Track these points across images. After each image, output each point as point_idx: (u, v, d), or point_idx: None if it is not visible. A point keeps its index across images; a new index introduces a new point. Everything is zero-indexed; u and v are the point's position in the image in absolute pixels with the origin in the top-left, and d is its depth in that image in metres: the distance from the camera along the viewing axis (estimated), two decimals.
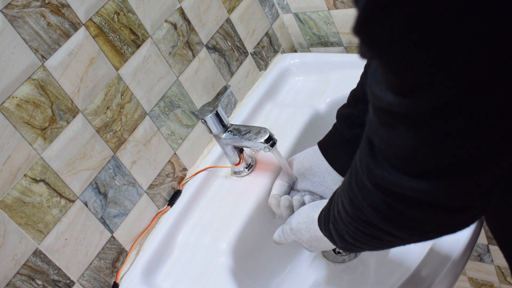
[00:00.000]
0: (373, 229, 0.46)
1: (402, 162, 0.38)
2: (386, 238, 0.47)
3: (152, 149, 0.89)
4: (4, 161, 0.70)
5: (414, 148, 0.36)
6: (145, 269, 0.84)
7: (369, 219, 0.45)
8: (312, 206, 0.71)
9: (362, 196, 0.45)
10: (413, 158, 0.37)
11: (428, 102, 0.32)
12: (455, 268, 0.70)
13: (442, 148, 0.35)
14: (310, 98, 1.02)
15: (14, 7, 0.70)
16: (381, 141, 0.39)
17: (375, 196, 0.43)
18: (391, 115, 0.35)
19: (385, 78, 0.35)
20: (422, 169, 0.37)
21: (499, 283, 1.41)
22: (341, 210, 0.51)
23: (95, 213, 0.81)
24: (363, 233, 0.49)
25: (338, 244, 0.57)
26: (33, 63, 0.72)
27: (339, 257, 0.93)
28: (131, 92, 0.85)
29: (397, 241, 0.48)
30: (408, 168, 0.38)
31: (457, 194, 0.38)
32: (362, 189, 0.44)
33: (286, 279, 0.91)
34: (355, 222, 0.48)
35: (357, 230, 0.49)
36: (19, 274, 0.72)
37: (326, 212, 0.61)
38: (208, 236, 0.86)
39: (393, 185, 0.39)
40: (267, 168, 0.92)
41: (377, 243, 0.50)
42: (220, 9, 0.99)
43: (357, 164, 0.45)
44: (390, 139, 0.37)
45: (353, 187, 0.46)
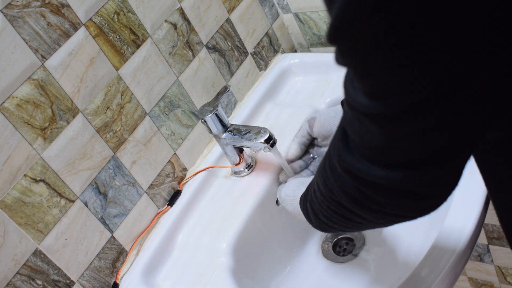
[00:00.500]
0: (344, 209, 0.50)
1: (370, 153, 0.41)
2: (355, 219, 0.50)
3: (152, 149, 0.89)
4: (4, 161, 0.70)
5: (382, 143, 0.39)
6: (145, 269, 0.84)
7: (340, 200, 0.48)
8: (298, 184, 0.74)
9: (333, 178, 0.48)
10: (380, 151, 0.40)
11: (395, 105, 0.35)
12: (455, 268, 0.70)
13: (406, 145, 0.38)
14: (310, 98, 1.02)
15: (14, 7, 0.70)
16: (353, 133, 0.42)
17: (345, 180, 0.46)
18: (362, 114, 0.38)
19: (357, 81, 0.37)
20: (388, 161, 0.41)
21: (499, 283, 1.41)
22: (317, 189, 0.54)
23: (95, 213, 0.81)
24: (335, 212, 0.52)
25: (313, 222, 0.60)
26: (33, 63, 0.72)
27: (339, 257, 0.93)
28: (131, 92, 0.85)
29: (365, 222, 0.51)
30: (376, 158, 0.41)
31: (418, 184, 0.41)
32: (334, 171, 0.47)
33: (286, 279, 0.91)
34: (328, 201, 0.51)
35: (329, 210, 0.52)
36: (19, 274, 0.72)
37: (306, 191, 0.64)
38: (208, 236, 0.86)
39: (360, 172, 0.43)
40: (267, 168, 0.92)
41: (348, 223, 0.52)
42: (220, 9, 0.99)
43: (330, 148, 0.48)
44: (361, 132, 0.40)
45: (327, 169, 0.49)
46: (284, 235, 0.93)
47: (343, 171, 0.45)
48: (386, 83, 0.35)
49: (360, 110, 0.38)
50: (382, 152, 0.40)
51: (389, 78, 0.34)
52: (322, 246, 0.95)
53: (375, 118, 0.37)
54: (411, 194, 0.42)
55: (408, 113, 0.35)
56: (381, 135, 0.38)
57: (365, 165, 0.42)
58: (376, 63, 0.34)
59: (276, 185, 0.91)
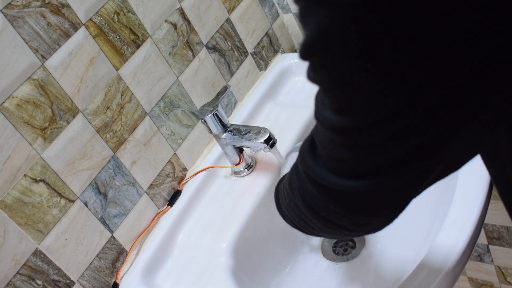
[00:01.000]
0: (299, 211, 0.52)
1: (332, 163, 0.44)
2: (308, 222, 0.52)
3: (152, 149, 0.89)
4: (4, 161, 0.70)
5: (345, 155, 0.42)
6: (145, 269, 0.84)
7: (296, 200, 0.51)
8: None
9: (296, 178, 0.50)
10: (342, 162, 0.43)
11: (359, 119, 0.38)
12: (455, 268, 0.70)
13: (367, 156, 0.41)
14: (310, 98, 1.02)
15: (14, 7, 0.70)
16: (318, 141, 0.45)
17: (304, 181, 0.48)
18: (328, 128, 0.41)
19: (325, 97, 0.40)
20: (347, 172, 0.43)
21: (499, 283, 1.41)
22: (286, 183, 0.56)
23: (95, 213, 0.81)
24: (293, 210, 0.54)
25: (280, 213, 0.62)
26: (33, 63, 0.72)
27: (339, 257, 0.93)
28: (131, 92, 0.85)
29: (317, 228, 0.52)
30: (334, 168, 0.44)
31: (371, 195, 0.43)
32: (297, 173, 0.50)
33: (286, 279, 0.91)
34: (289, 198, 0.54)
35: (289, 206, 0.55)
36: (19, 274, 0.72)
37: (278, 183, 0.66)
38: (208, 236, 0.86)
39: (318, 176, 0.45)
40: (267, 168, 0.92)
41: (302, 224, 0.54)
42: (220, 9, 0.99)
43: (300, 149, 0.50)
44: (325, 142, 0.43)
45: (293, 169, 0.52)
46: (284, 235, 0.93)
47: (303, 173, 0.48)
48: (351, 98, 0.37)
49: (326, 124, 0.41)
50: (343, 163, 0.43)
51: (354, 94, 0.37)
52: (322, 246, 0.95)
53: (339, 131, 0.40)
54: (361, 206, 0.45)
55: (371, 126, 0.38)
56: (340, 147, 0.41)
57: (323, 172, 0.44)
58: (342, 80, 0.37)
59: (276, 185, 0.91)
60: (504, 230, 1.27)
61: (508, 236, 1.27)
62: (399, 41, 0.33)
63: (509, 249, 1.30)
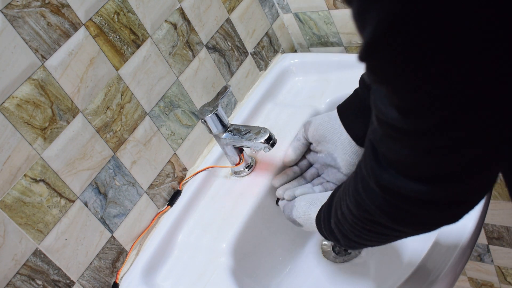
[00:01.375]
0: (380, 227, 0.52)
1: (405, 168, 0.44)
2: (392, 233, 0.53)
3: (152, 149, 0.89)
4: (4, 161, 0.70)
5: (414, 158, 0.41)
6: (145, 269, 0.84)
7: (377, 219, 0.50)
8: (308, 204, 0.75)
9: (369, 199, 0.49)
10: (414, 166, 0.43)
11: (423, 121, 0.38)
12: (455, 268, 0.70)
13: (437, 159, 0.41)
14: (310, 98, 1.02)
15: (14, 7, 0.70)
16: (386, 150, 0.44)
17: (382, 199, 0.48)
18: (394, 128, 0.40)
19: (388, 98, 0.39)
20: (422, 175, 0.43)
21: (499, 283, 1.41)
22: (346, 212, 0.56)
23: (95, 213, 0.81)
24: (370, 231, 0.54)
25: (341, 242, 0.62)
26: (33, 63, 0.72)
27: (339, 257, 0.93)
28: (131, 92, 0.85)
29: (403, 235, 0.53)
30: (411, 173, 0.43)
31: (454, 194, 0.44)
32: (369, 192, 0.49)
33: (286, 279, 0.91)
34: (362, 222, 0.53)
35: (363, 229, 0.54)
36: (19, 274, 0.72)
37: (326, 213, 0.66)
38: (208, 236, 0.86)
39: (399, 188, 0.45)
40: (267, 168, 0.92)
41: (383, 238, 0.55)
42: (220, 9, 0.99)
43: (362, 170, 0.50)
44: (394, 148, 0.42)
45: (360, 192, 0.51)
46: (284, 235, 0.93)
47: (381, 190, 0.47)
48: (412, 100, 0.37)
49: (392, 124, 0.40)
50: (415, 166, 0.42)
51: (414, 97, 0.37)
52: (322, 246, 0.95)
53: (405, 132, 0.40)
54: (449, 203, 0.45)
55: (432, 129, 0.38)
56: (410, 150, 0.41)
57: (402, 181, 0.44)
58: (403, 82, 0.36)
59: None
60: (504, 230, 1.27)
61: (508, 236, 1.27)
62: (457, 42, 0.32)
63: (509, 249, 1.30)
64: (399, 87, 0.37)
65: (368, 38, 0.35)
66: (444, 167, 0.41)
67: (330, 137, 0.80)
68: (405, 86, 0.37)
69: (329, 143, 0.80)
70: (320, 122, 0.82)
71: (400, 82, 0.37)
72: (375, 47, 0.35)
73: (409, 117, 0.38)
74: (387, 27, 0.33)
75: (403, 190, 0.44)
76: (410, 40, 0.33)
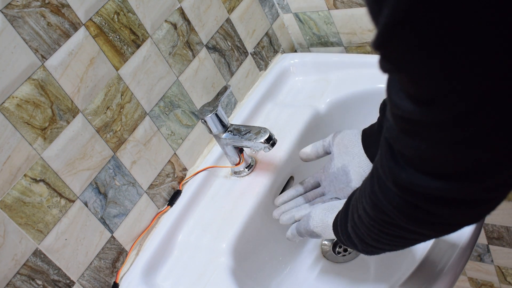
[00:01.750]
0: (398, 229, 0.49)
1: (424, 164, 0.41)
2: (410, 236, 0.50)
3: (152, 149, 0.89)
4: (4, 161, 0.70)
5: (433, 152, 0.39)
6: (145, 269, 0.84)
7: (394, 221, 0.48)
8: (325, 211, 0.73)
9: (386, 200, 0.47)
10: (433, 161, 0.40)
11: (443, 112, 0.35)
12: (455, 268, 0.70)
13: (458, 152, 0.38)
14: (310, 98, 1.02)
15: (14, 7, 0.70)
16: (403, 147, 0.42)
17: (400, 199, 0.45)
18: (411, 123, 0.38)
19: (404, 88, 0.37)
20: (443, 171, 0.40)
21: (499, 283, 1.41)
22: (363, 214, 0.54)
23: (95, 213, 0.81)
24: (387, 234, 0.52)
25: (358, 246, 0.60)
26: (33, 63, 0.72)
27: (339, 257, 0.93)
28: (131, 92, 0.85)
29: (422, 238, 0.51)
30: (431, 170, 0.41)
31: (478, 191, 0.41)
32: (387, 193, 0.47)
33: (286, 279, 0.91)
34: (379, 224, 0.51)
35: (381, 232, 0.52)
36: (19, 274, 0.72)
37: (343, 217, 0.64)
38: (208, 236, 0.86)
39: (418, 187, 0.42)
40: (267, 168, 0.92)
41: (401, 242, 0.53)
42: (220, 9, 0.99)
43: (379, 170, 0.47)
44: (412, 144, 0.40)
45: (376, 192, 0.49)
46: (284, 235, 0.93)
47: (399, 190, 0.45)
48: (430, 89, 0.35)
49: (407, 117, 0.38)
50: (435, 161, 0.40)
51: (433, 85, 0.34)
52: (322, 246, 0.95)
53: (422, 125, 0.37)
54: (472, 201, 0.42)
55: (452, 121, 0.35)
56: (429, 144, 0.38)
57: (422, 179, 0.42)
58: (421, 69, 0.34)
59: (276, 185, 0.91)
60: (504, 230, 1.27)
61: (508, 236, 1.27)
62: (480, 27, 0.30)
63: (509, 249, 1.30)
64: (416, 75, 0.35)
65: (385, 22, 0.33)
66: (464, 162, 0.38)
67: (351, 148, 0.79)
68: (424, 74, 0.34)
69: (348, 155, 0.80)
70: (348, 133, 0.81)
71: (418, 69, 0.34)
72: (393, 32, 0.33)
73: (427, 108, 0.36)
74: (407, 9, 0.31)
75: (422, 189, 0.42)
76: (431, 23, 0.31)
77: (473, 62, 0.32)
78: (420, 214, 0.45)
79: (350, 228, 0.60)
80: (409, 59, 0.34)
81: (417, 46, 0.33)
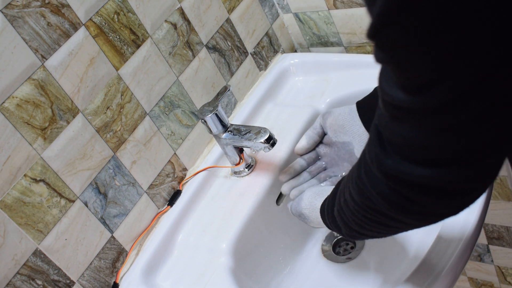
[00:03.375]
0: (381, 216, 0.50)
1: (411, 152, 0.42)
2: (393, 224, 0.51)
3: (152, 149, 0.89)
4: (4, 161, 0.70)
5: (422, 139, 0.40)
6: (145, 269, 0.84)
7: (378, 207, 0.49)
8: (315, 195, 0.74)
9: (371, 186, 0.48)
10: (421, 148, 0.41)
11: (431, 99, 0.36)
12: (455, 268, 0.70)
13: (446, 139, 0.39)
14: (310, 98, 1.02)
15: (14, 7, 0.70)
16: (391, 134, 0.42)
17: (385, 186, 0.46)
18: (401, 110, 0.39)
19: (395, 77, 0.38)
20: (429, 158, 0.41)
21: (499, 283, 1.41)
22: (349, 199, 0.55)
23: (95, 213, 0.81)
24: (370, 220, 0.52)
25: (342, 230, 0.61)
26: (33, 63, 0.72)
27: (339, 257, 0.93)
28: (131, 92, 0.85)
29: (403, 226, 0.52)
30: (417, 157, 0.42)
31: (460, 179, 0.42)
32: (372, 179, 0.48)
33: (286, 279, 0.91)
34: (363, 210, 0.52)
35: (364, 218, 0.53)
36: (19, 274, 0.72)
37: (330, 201, 0.65)
38: (208, 236, 0.86)
39: (403, 174, 0.43)
40: (267, 168, 0.92)
41: (383, 229, 0.53)
42: (220, 9, 0.99)
43: (366, 155, 0.48)
44: (401, 131, 0.41)
45: (363, 177, 0.49)
46: (284, 235, 0.93)
47: (384, 176, 0.45)
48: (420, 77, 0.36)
49: (397, 105, 0.39)
50: (421, 149, 0.41)
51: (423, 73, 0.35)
52: (322, 246, 0.95)
53: (412, 112, 0.38)
54: (453, 191, 0.43)
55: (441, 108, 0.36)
56: (418, 131, 0.39)
57: (407, 167, 0.42)
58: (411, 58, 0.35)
59: (276, 185, 0.91)
60: (504, 230, 1.27)
61: (508, 236, 1.27)
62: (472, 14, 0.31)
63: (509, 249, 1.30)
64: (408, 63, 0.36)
65: (378, 11, 0.34)
66: (451, 148, 0.40)
67: (349, 128, 0.79)
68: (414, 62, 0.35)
69: (346, 134, 0.79)
70: (340, 112, 0.80)
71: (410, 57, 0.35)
72: (386, 20, 0.34)
73: (417, 96, 0.37)
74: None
75: (406, 176, 0.43)
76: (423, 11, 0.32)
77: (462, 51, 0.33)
78: (403, 202, 0.46)
79: (336, 212, 0.60)
80: (401, 47, 0.35)
81: (409, 34, 0.34)
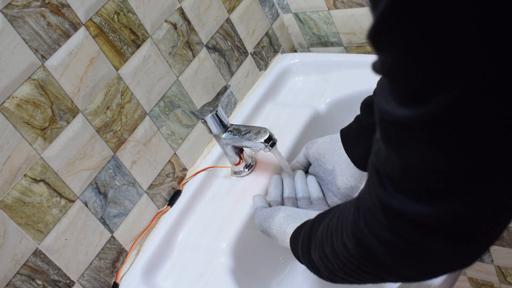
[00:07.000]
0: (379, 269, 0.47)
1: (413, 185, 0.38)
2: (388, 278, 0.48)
3: (152, 149, 0.89)
4: (4, 161, 0.70)
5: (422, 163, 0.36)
6: (145, 269, 0.84)
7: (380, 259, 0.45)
8: (288, 218, 0.73)
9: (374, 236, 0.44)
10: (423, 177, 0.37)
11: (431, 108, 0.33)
12: None
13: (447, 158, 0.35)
14: (310, 98, 1.02)
15: (14, 7, 0.70)
16: (390, 166, 0.39)
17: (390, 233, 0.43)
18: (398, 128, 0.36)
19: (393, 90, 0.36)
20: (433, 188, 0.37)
21: (499, 283, 1.41)
22: (341, 250, 0.51)
23: (95, 213, 0.81)
24: (365, 272, 0.49)
25: (323, 275, 0.57)
26: (33, 63, 0.72)
27: None
28: (131, 92, 0.85)
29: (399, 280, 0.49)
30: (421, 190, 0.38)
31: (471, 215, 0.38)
32: (375, 228, 0.44)
33: (286, 279, 0.91)
34: (359, 262, 0.48)
35: (358, 269, 0.49)
36: (19, 274, 0.72)
37: (305, 240, 0.61)
38: (208, 236, 0.86)
39: (410, 215, 0.39)
40: (267, 168, 0.92)
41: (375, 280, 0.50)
42: (220, 9, 0.99)
43: (366, 202, 0.44)
44: (399, 161, 0.38)
45: (363, 228, 0.46)
46: None
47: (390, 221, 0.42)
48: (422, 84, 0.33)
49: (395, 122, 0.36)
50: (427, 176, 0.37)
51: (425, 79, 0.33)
52: None
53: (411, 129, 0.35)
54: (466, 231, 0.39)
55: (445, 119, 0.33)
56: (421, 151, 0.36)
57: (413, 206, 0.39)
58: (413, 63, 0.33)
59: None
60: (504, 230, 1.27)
61: (508, 236, 1.27)
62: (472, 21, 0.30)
63: (509, 249, 1.30)
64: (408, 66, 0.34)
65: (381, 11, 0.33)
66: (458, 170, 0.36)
67: (329, 157, 0.80)
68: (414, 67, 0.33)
69: (327, 163, 0.80)
70: (322, 141, 0.82)
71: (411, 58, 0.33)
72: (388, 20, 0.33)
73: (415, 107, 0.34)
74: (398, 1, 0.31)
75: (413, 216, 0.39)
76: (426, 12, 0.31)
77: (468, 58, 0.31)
78: (409, 250, 0.42)
79: (318, 258, 0.56)
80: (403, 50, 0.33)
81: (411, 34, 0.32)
